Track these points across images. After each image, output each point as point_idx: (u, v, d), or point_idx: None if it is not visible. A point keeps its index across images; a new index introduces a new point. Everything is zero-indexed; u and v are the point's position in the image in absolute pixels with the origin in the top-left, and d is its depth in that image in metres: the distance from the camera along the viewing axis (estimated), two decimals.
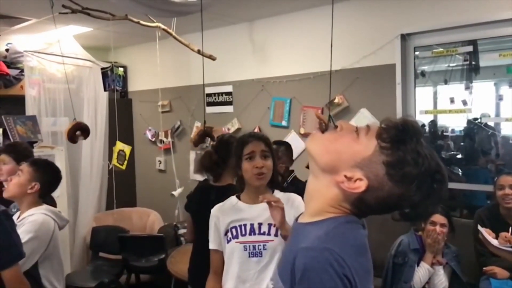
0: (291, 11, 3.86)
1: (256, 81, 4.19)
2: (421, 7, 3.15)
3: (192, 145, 4.23)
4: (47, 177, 2.24)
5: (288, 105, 3.97)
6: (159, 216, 4.65)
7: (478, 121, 3.16)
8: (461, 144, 3.32)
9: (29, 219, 2.10)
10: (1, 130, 3.77)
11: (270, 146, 1.87)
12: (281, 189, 1.92)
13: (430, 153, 0.87)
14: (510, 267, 2.42)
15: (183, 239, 3.96)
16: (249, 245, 1.77)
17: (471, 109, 3.11)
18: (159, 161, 5.19)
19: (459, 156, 3.34)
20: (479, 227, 2.44)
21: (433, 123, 3.38)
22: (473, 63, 3.08)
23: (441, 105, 3.26)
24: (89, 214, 4.62)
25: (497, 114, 3.13)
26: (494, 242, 2.33)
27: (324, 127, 2.87)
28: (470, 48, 3.06)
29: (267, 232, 1.77)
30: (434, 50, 3.20)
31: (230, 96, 4.45)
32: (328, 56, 2.98)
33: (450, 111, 3.17)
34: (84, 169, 4.61)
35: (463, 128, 3.26)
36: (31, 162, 2.27)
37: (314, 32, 3.73)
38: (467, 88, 3.12)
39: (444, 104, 3.20)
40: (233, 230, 1.81)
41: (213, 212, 1.89)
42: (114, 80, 4.04)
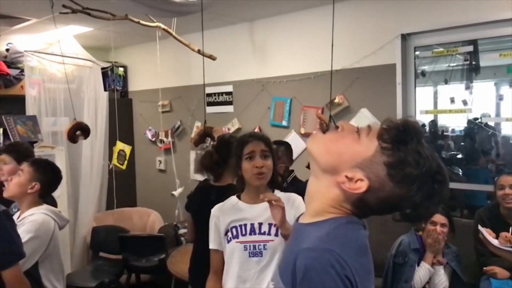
0: (291, 11, 3.86)
1: (256, 81, 4.19)
2: (421, 7, 3.15)
3: (193, 145, 4.23)
4: (48, 177, 2.24)
5: (288, 105, 3.96)
6: (159, 216, 4.65)
7: (478, 121, 3.16)
8: (462, 144, 3.32)
9: (29, 218, 2.10)
10: (1, 130, 3.77)
11: (270, 146, 1.87)
12: (281, 189, 1.92)
13: (431, 154, 0.87)
14: (510, 267, 2.41)
15: (184, 239, 3.96)
16: (249, 245, 1.77)
17: (472, 109, 3.10)
18: (159, 161, 5.19)
19: (459, 156, 3.34)
20: (480, 227, 2.44)
21: (434, 123, 3.37)
22: (473, 63, 3.08)
23: (441, 105, 3.25)
24: (90, 214, 4.63)
25: (498, 114, 3.13)
26: (495, 242, 2.32)
27: (325, 127, 2.87)
28: (470, 48, 3.06)
29: (267, 232, 1.77)
30: (435, 50, 3.20)
31: (231, 96, 4.45)
32: (328, 56, 2.98)
33: (450, 111, 3.17)
34: (84, 169, 4.61)
35: (464, 128, 3.26)
36: (31, 162, 2.27)
37: (314, 32, 3.72)
38: (468, 88, 3.11)
39: (444, 104, 3.20)
40: (233, 230, 1.81)
41: (213, 212, 1.89)
42: (114, 80, 4.04)
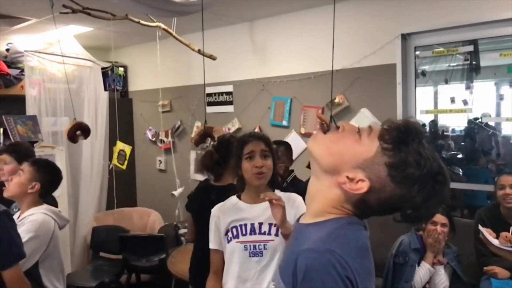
0: (291, 11, 3.85)
1: (256, 81, 4.19)
2: (421, 7, 3.15)
3: (193, 145, 4.23)
4: (48, 177, 2.24)
5: (288, 105, 3.96)
6: (159, 216, 4.65)
7: (478, 121, 3.16)
8: (462, 144, 3.32)
9: (29, 218, 2.11)
10: (1, 130, 3.77)
11: (270, 145, 1.87)
12: (281, 189, 1.92)
13: (432, 155, 0.87)
14: (510, 267, 2.41)
15: (184, 239, 3.96)
16: (249, 245, 1.77)
17: (472, 109, 3.10)
18: (159, 161, 5.19)
19: (459, 156, 3.34)
20: (480, 227, 2.44)
21: (434, 123, 3.37)
22: (473, 62, 3.08)
23: (441, 105, 3.25)
24: (90, 214, 4.63)
25: (498, 114, 3.13)
26: (495, 242, 2.32)
27: (325, 127, 2.87)
28: (470, 48, 3.06)
29: (267, 231, 1.77)
30: (435, 49, 3.19)
31: (231, 96, 4.44)
32: (328, 56, 2.98)
33: (450, 111, 3.17)
34: (84, 169, 4.61)
35: (464, 128, 3.26)
36: (31, 162, 2.27)
37: (314, 32, 3.72)
38: (468, 87, 3.11)
39: (444, 104, 3.20)
40: (234, 229, 1.81)
41: (214, 211, 1.89)
42: (114, 80, 4.04)
